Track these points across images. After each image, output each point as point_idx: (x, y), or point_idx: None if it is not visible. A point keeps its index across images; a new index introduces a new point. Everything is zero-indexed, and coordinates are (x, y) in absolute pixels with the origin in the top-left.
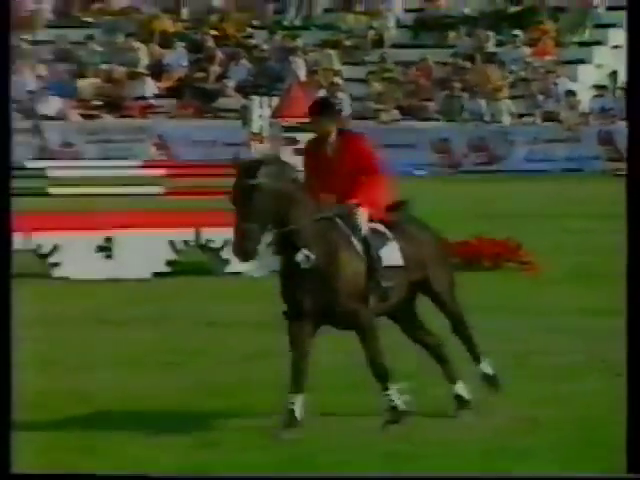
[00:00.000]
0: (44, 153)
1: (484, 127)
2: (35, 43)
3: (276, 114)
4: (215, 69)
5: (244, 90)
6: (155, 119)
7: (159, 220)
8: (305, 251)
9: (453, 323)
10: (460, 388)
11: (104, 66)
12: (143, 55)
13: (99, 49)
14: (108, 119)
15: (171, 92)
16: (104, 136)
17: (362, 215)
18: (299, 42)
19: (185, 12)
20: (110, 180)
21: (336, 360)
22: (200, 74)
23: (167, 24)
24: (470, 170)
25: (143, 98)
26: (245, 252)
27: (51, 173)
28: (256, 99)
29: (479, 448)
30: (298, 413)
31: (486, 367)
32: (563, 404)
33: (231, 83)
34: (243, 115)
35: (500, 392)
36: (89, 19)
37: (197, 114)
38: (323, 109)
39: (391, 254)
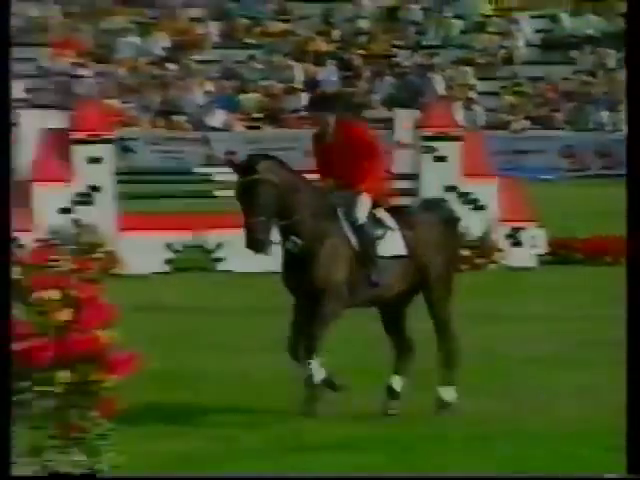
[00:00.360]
0: (211, 160)
1: (606, 135)
2: (203, 62)
3: (418, 125)
4: (362, 84)
5: (388, 103)
6: (309, 130)
7: None
8: (294, 238)
9: (435, 327)
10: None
11: (264, 82)
12: (298, 72)
13: (260, 67)
14: (267, 130)
15: None
16: (264, 145)
17: (362, 203)
18: (437, 60)
19: (336, 34)
20: None
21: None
22: (349, 89)
23: (320, 45)
24: (594, 174)
25: (298, 111)
26: (258, 244)
27: (217, 178)
28: (399, 111)
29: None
30: (316, 376)
31: (445, 392)
32: None
33: (377, 97)
34: (388, 126)
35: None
36: (251, 41)
37: None
38: (319, 103)
39: (392, 244)
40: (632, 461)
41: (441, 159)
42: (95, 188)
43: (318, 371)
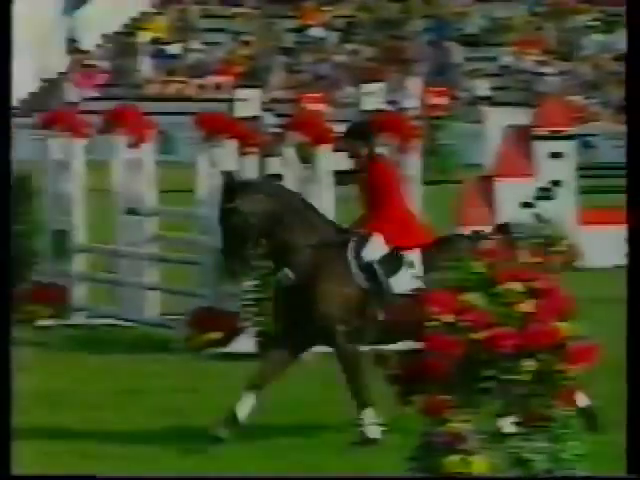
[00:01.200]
0: None
1: None
2: None
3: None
4: None
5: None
6: None
7: None
8: (286, 270)
9: None
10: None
11: None
12: None
13: None
14: None
15: None
16: None
17: (373, 241)
18: None
19: None
20: None
21: None
22: None
23: None
24: None
25: None
26: (230, 273)
27: None
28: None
29: None
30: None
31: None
32: None
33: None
34: None
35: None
36: None
37: None
38: (355, 134)
39: (408, 281)
40: (632, 461)
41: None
42: (556, 183)
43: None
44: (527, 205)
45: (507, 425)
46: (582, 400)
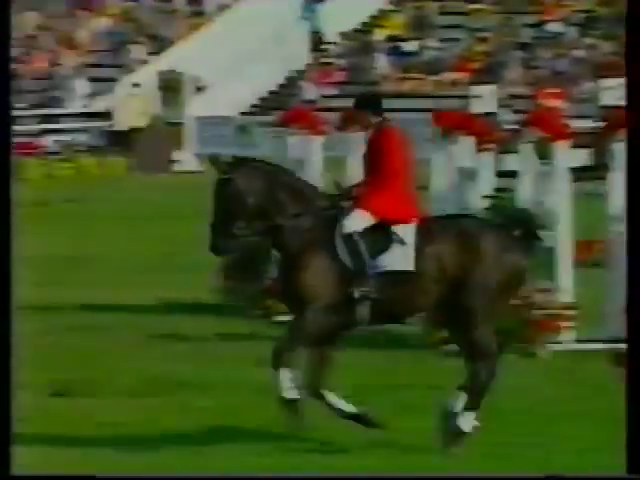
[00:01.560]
0: None
1: None
2: None
3: None
4: None
5: None
6: None
7: None
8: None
9: (467, 353)
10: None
11: None
12: None
13: None
14: None
15: None
16: None
17: (355, 216)
18: None
19: None
20: None
21: None
22: None
23: None
24: None
25: None
26: (214, 248)
27: None
28: None
29: None
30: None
31: (464, 422)
32: None
33: None
34: None
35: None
36: None
37: None
38: (364, 103)
39: (397, 259)
40: (632, 461)
41: None
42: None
43: (287, 385)
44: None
45: None
46: None
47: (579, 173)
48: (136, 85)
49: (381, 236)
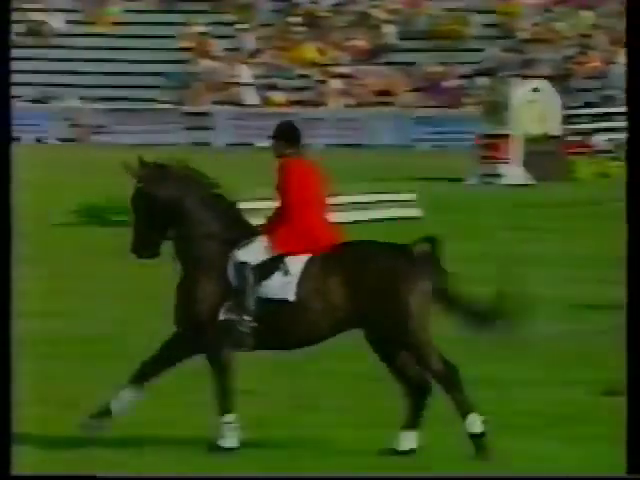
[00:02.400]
0: None
1: None
2: None
3: None
4: None
5: None
6: None
7: None
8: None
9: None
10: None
11: None
12: None
13: None
14: None
15: None
16: None
17: (254, 242)
18: None
19: None
20: None
21: None
22: None
23: None
24: None
25: None
26: (134, 250)
27: None
28: None
29: None
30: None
31: (472, 426)
32: None
33: None
34: None
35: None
36: None
37: None
38: (280, 133)
39: (279, 288)
40: (632, 461)
41: None
42: None
43: (122, 401)
44: None
45: None
46: None
47: None
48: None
49: (273, 265)
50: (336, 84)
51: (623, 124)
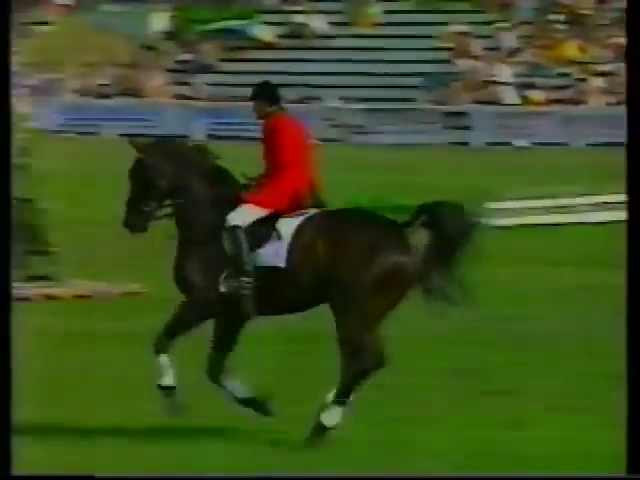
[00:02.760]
0: None
1: None
2: None
3: None
4: None
5: None
6: None
7: None
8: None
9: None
10: None
11: None
12: None
13: None
14: None
15: None
16: None
17: (241, 209)
18: None
19: None
20: None
21: None
22: None
23: None
24: None
25: None
26: (127, 225)
27: None
28: None
29: None
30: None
31: (327, 417)
32: None
33: None
34: None
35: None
36: None
37: None
38: (259, 92)
39: (271, 255)
40: (632, 461)
41: None
42: None
43: (164, 372)
44: None
45: None
46: None
47: None
48: None
49: (265, 230)
50: (597, 82)
51: None
